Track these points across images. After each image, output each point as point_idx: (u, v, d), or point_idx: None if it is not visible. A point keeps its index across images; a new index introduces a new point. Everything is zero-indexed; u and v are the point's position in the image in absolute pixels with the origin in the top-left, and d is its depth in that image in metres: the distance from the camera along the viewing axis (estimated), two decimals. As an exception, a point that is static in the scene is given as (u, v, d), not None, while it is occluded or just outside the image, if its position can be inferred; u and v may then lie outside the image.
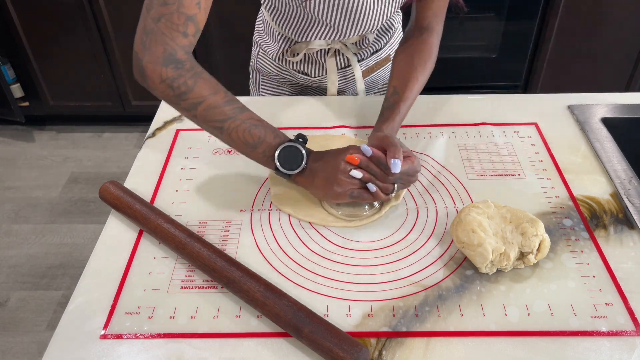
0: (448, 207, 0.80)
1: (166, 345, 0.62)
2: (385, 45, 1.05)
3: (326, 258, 0.72)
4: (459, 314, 0.64)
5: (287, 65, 1.04)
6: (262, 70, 1.10)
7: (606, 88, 2.16)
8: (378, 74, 1.08)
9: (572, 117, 0.97)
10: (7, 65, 2.23)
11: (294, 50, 0.99)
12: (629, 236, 0.74)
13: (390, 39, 1.06)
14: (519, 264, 0.68)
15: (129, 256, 0.73)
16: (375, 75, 1.08)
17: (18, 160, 2.31)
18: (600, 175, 0.85)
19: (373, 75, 1.08)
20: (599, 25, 2.00)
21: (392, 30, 1.04)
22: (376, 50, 1.05)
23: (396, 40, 1.08)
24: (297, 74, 1.04)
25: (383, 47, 1.05)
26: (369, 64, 1.05)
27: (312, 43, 0.97)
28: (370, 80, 1.09)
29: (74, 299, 0.68)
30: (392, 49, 1.07)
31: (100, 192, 0.80)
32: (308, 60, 1.02)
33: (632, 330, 0.62)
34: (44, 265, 1.83)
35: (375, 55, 1.05)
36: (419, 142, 0.92)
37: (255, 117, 0.75)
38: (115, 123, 2.48)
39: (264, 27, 1.05)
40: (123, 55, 2.17)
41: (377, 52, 1.05)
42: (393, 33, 1.05)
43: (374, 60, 1.05)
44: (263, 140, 0.74)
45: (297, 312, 0.61)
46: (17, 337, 1.61)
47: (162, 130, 0.97)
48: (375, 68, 1.07)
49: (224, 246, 0.74)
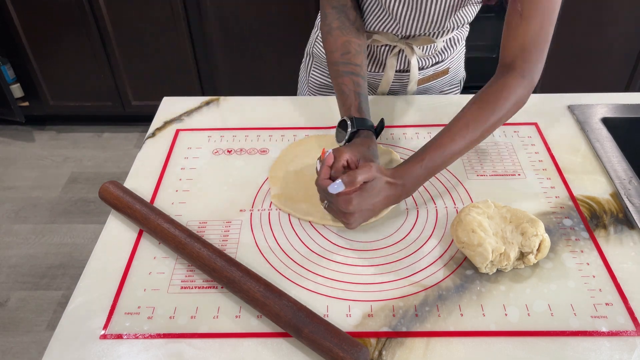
0: (448, 207, 0.80)
1: (166, 345, 0.62)
2: (447, 57, 1.03)
3: (326, 258, 0.72)
4: (459, 314, 0.64)
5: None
6: (317, 55, 1.08)
7: (606, 88, 2.16)
8: (432, 84, 1.07)
9: (572, 117, 0.97)
10: (7, 65, 2.23)
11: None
12: (629, 236, 0.74)
13: (453, 52, 1.04)
14: (519, 264, 0.68)
15: (129, 256, 0.73)
16: (429, 85, 1.06)
17: (18, 160, 2.31)
18: (600, 175, 0.85)
19: (427, 85, 1.06)
20: (599, 25, 2.00)
21: (458, 45, 1.02)
22: (437, 62, 1.03)
23: (458, 55, 1.06)
24: None
25: (445, 59, 1.03)
26: (427, 73, 1.03)
27: (378, 35, 0.95)
28: (422, 88, 1.06)
29: (74, 299, 0.68)
30: (452, 61, 1.05)
31: (100, 192, 0.80)
32: (370, 53, 1.00)
33: (632, 330, 0.62)
34: (44, 265, 1.83)
35: (434, 67, 1.03)
36: (419, 142, 0.92)
37: (351, 84, 0.83)
38: (115, 123, 2.48)
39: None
40: (123, 55, 2.17)
41: (438, 64, 1.03)
42: (459, 47, 1.04)
43: (433, 70, 1.03)
44: (343, 107, 0.83)
45: (297, 312, 0.61)
46: (17, 337, 1.61)
47: (162, 130, 0.97)
48: (432, 78, 1.05)
49: (224, 246, 0.74)
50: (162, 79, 2.23)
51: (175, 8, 2.01)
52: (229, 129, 0.97)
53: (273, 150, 0.91)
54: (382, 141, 0.92)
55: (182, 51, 2.12)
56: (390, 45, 0.97)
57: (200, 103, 1.04)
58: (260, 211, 0.80)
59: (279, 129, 0.96)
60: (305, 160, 0.88)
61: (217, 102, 1.04)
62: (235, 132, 0.96)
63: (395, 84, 1.04)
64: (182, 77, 2.21)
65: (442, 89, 1.11)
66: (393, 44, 0.96)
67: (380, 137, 0.93)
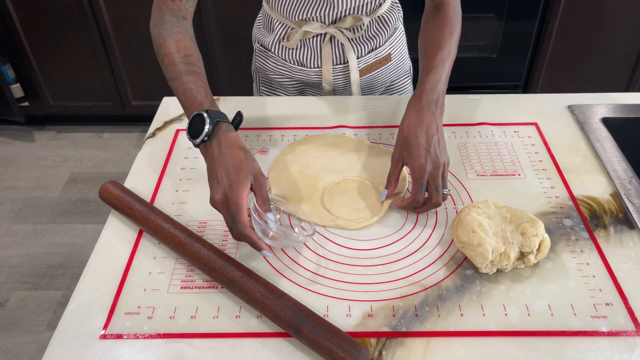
0: (448, 207, 0.80)
1: (166, 345, 0.62)
2: (384, 42, 1.05)
3: (326, 258, 0.72)
4: (459, 314, 0.64)
5: (285, 55, 1.04)
6: (261, 69, 1.10)
7: (606, 88, 2.16)
8: (377, 75, 1.08)
9: (572, 117, 0.97)
10: (7, 65, 2.23)
11: (289, 35, 0.99)
12: (629, 236, 0.74)
13: (391, 37, 1.05)
14: (519, 264, 0.68)
15: (129, 256, 0.73)
16: (374, 75, 1.07)
17: (18, 160, 2.31)
18: (600, 175, 0.84)
19: (372, 75, 1.07)
20: (599, 25, 2.00)
21: (390, 26, 1.03)
22: (375, 48, 1.04)
23: (398, 39, 1.08)
24: (294, 66, 1.04)
25: (382, 45, 1.05)
26: (369, 61, 1.04)
27: (308, 25, 0.96)
28: (369, 79, 1.08)
29: (74, 299, 0.68)
30: (392, 47, 1.07)
31: (100, 192, 0.80)
32: (304, 48, 1.01)
33: (632, 330, 0.62)
34: (44, 265, 1.83)
35: (374, 53, 1.04)
36: (419, 142, 0.92)
37: (199, 82, 0.77)
38: (115, 123, 2.48)
39: (263, 20, 1.06)
40: (123, 55, 2.17)
41: (377, 50, 1.04)
42: (392, 29, 1.05)
43: (373, 57, 1.04)
44: (192, 104, 0.75)
45: (297, 312, 0.61)
46: (17, 337, 1.61)
47: (162, 130, 0.97)
48: (374, 66, 1.06)
49: (224, 246, 0.74)
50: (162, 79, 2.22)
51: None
52: (229, 129, 0.97)
53: (273, 150, 0.91)
54: (382, 141, 0.92)
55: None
56: (322, 34, 0.98)
57: (200, 103, 1.04)
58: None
59: (279, 129, 0.96)
60: (306, 160, 0.88)
61: (217, 102, 1.04)
62: (235, 132, 0.96)
63: (338, 77, 1.05)
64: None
65: (391, 79, 1.12)
66: (323, 31, 0.97)
67: (380, 137, 0.93)
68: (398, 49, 1.09)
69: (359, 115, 0.99)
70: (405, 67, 1.14)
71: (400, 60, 1.11)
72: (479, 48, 2.09)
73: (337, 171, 0.85)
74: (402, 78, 1.15)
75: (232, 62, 2.14)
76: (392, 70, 1.10)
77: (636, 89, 2.16)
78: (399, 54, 1.09)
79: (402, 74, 1.14)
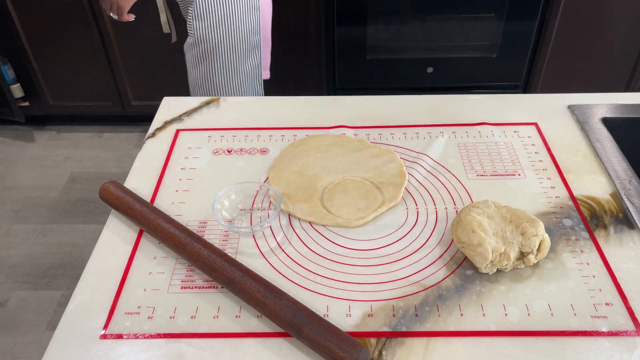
0: (448, 207, 0.80)
1: (166, 345, 0.62)
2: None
3: (326, 258, 0.72)
4: (459, 314, 0.64)
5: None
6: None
7: (606, 88, 2.16)
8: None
9: (572, 117, 0.97)
10: (7, 65, 2.23)
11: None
12: (629, 236, 0.74)
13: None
14: (519, 264, 0.68)
15: (129, 256, 0.73)
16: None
17: (18, 160, 2.31)
18: (600, 175, 0.85)
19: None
20: (599, 25, 2.00)
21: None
22: None
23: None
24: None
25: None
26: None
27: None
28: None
29: (74, 299, 0.68)
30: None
31: (100, 192, 0.80)
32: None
33: (632, 330, 0.62)
34: (44, 265, 1.83)
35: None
36: (419, 142, 0.92)
37: None
38: (115, 123, 2.48)
39: None
40: (123, 55, 2.17)
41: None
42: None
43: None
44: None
45: (297, 312, 0.61)
46: (17, 337, 1.61)
47: (162, 130, 0.97)
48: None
49: (224, 246, 0.74)
50: (162, 79, 2.23)
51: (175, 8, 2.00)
52: (229, 129, 0.97)
53: (273, 150, 0.91)
54: (382, 141, 0.92)
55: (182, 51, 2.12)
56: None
57: (200, 103, 1.04)
58: (260, 211, 0.80)
59: (279, 129, 0.96)
60: (305, 160, 0.88)
61: (217, 102, 1.04)
62: (235, 132, 0.96)
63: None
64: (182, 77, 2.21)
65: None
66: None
67: (380, 137, 0.93)
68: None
69: (359, 115, 0.99)
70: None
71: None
72: (479, 48, 2.09)
73: (337, 171, 0.86)
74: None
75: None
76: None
77: (636, 89, 2.16)
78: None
79: None
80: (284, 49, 2.10)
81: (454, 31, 2.02)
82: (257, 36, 1.32)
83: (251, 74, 1.37)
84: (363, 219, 0.77)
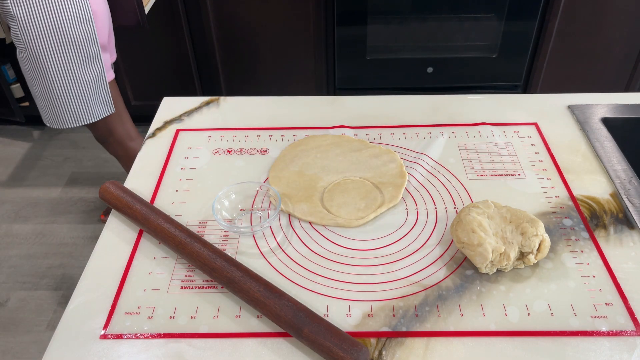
0: (448, 207, 0.80)
1: (166, 345, 0.62)
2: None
3: (326, 258, 0.72)
4: (459, 314, 0.64)
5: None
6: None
7: (606, 88, 2.16)
8: None
9: (572, 117, 0.97)
10: (7, 65, 2.23)
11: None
12: (629, 236, 0.74)
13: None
14: (519, 264, 0.68)
15: (129, 256, 0.73)
16: None
17: (18, 160, 2.31)
18: (600, 175, 0.85)
19: None
20: (599, 25, 2.00)
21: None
22: None
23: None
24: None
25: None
26: None
27: None
28: None
29: (74, 299, 0.68)
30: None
31: (101, 192, 0.80)
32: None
33: (632, 330, 0.62)
34: (44, 265, 1.83)
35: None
36: (419, 142, 0.92)
37: None
38: (115, 123, 2.48)
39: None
40: (123, 55, 2.17)
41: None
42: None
43: None
44: None
45: (297, 312, 0.61)
46: (17, 337, 1.61)
47: (162, 130, 0.97)
48: None
49: (224, 246, 0.74)
50: (162, 79, 2.23)
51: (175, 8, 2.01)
52: (229, 129, 0.97)
53: (273, 150, 0.91)
54: (382, 141, 0.92)
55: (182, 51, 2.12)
56: None
57: (200, 103, 1.04)
58: (260, 211, 0.80)
59: (279, 129, 0.96)
60: (305, 160, 0.88)
61: (217, 102, 1.04)
62: (235, 132, 0.96)
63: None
64: (182, 77, 2.21)
65: None
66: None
67: (380, 137, 0.93)
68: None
69: (359, 115, 0.99)
70: None
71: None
72: (479, 48, 2.09)
73: (337, 171, 0.86)
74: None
75: (232, 62, 2.15)
76: None
77: (636, 89, 2.16)
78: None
79: None
80: (284, 49, 2.10)
81: (454, 31, 2.02)
82: (94, 46, 1.31)
83: (94, 82, 1.36)
84: (363, 219, 0.77)
